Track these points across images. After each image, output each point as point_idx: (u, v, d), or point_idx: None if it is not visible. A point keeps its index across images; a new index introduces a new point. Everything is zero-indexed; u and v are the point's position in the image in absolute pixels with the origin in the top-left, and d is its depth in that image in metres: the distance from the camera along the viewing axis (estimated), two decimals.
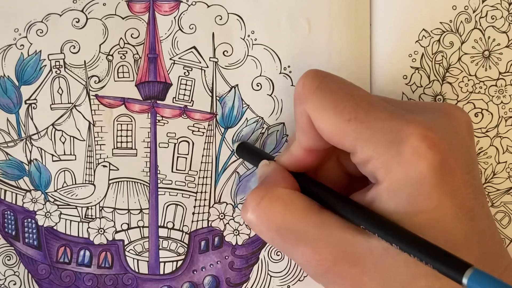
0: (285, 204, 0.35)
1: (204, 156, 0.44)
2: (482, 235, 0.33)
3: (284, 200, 0.35)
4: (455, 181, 0.32)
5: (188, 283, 0.44)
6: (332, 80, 0.36)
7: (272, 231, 0.35)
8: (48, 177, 0.43)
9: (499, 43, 0.45)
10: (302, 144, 0.37)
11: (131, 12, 0.43)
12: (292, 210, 0.35)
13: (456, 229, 0.32)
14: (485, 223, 0.34)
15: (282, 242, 0.36)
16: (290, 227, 0.35)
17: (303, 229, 0.35)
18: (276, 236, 0.35)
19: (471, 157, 0.35)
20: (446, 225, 0.32)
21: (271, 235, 0.36)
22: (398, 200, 0.32)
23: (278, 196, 0.36)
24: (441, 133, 0.33)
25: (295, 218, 0.35)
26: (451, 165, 0.32)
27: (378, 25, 0.44)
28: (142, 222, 0.43)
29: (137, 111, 0.43)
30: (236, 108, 0.44)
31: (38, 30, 0.43)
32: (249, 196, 0.36)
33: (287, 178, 0.37)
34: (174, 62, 0.44)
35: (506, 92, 0.45)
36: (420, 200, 0.32)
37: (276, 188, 0.36)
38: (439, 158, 0.32)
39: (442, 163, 0.32)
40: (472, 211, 0.33)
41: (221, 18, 0.44)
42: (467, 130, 0.36)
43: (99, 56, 0.43)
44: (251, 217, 0.36)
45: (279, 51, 0.44)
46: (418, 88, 0.44)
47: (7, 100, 0.43)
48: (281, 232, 0.35)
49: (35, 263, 0.43)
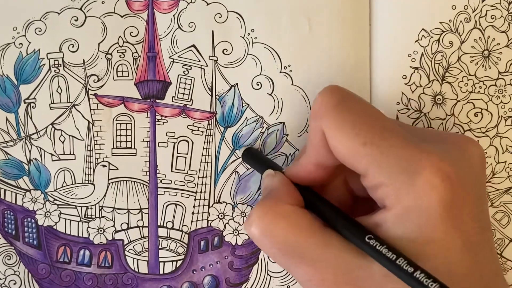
0: (289, 221, 0.35)
1: (203, 155, 0.44)
2: (484, 269, 0.33)
3: (288, 218, 0.35)
4: (464, 215, 0.33)
5: (187, 283, 0.44)
6: (351, 99, 0.36)
7: (275, 247, 0.35)
8: (47, 176, 0.43)
9: (498, 43, 0.45)
10: (313, 160, 0.37)
11: (130, 10, 0.43)
12: (295, 229, 0.35)
13: (460, 262, 0.32)
14: (488, 257, 0.34)
15: (284, 259, 0.36)
16: (293, 245, 0.35)
17: (305, 248, 0.35)
18: (278, 253, 0.36)
19: (481, 192, 0.35)
20: (451, 258, 0.32)
21: (273, 252, 0.36)
22: (405, 228, 0.32)
23: (283, 213, 0.36)
24: (454, 167, 0.33)
25: (299, 237, 0.35)
26: (461, 199, 0.32)
27: (378, 25, 0.44)
28: (142, 221, 0.43)
29: (136, 110, 0.43)
30: (235, 107, 0.44)
31: (37, 28, 0.42)
32: (254, 210, 0.36)
33: (293, 193, 0.37)
34: (173, 61, 0.43)
35: (506, 91, 0.45)
36: (427, 230, 0.32)
37: (281, 204, 0.36)
38: (450, 191, 0.32)
39: (453, 197, 0.32)
40: (478, 245, 0.33)
41: (221, 16, 0.43)
42: (480, 164, 0.36)
43: (98, 54, 0.43)
44: (254, 231, 0.36)
45: (279, 50, 0.44)
46: (418, 88, 0.44)
47: (6, 99, 0.42)
48: (283, 250, 0.35)
49: (35, 262, 0.43)
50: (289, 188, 0.38)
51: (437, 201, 0.32)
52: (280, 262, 0.37)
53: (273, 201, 0.36)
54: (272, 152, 0.44)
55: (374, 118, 0.35)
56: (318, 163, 0.37)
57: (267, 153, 0.44)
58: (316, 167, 0.37)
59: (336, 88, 0.36)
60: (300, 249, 0.35)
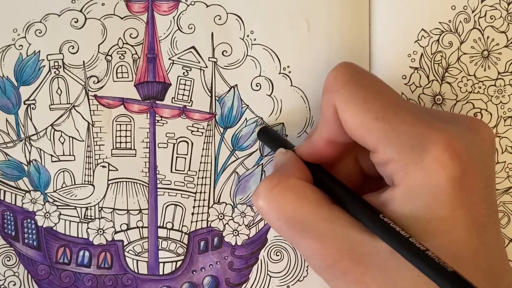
0: (297, 195, 0.35)
1: (203, 156, 0.44)
2: (490, 251, 0.33)
3: (296, 191, 0.35)
4: (472, 195, 0.32)
5: (187, 284, 0.44)
6: (364, 75, 0.36)
7: (281, 220, 0.35)
8: (47, 177, 0.43)
9: (498, 43, 0.45)
10: (324, 135, 0.37)
11: (130, 12, 0.43)
12: (303, 202, 0.35)
13: (466, 241, 0.32)
14: (494, 240, 0.34)
15: (290, 232, 0.36)
16: (300, 219, 0.35)
17: (312, 222, 0.35)
18: (284, 225, 0.35)
19: (490, 174, 0.35)
20: (457, 236, 0.32)
21: (279, 224, 0.36)
22: (413, 205, 0.32)
23: (291, 186, 0.36)
24: (464, 145, 0.32)
25: (305, 210, 0.35)
26: (470, 179, 0.32)
27: (377, 25, 0.44)
28: (142, 222, 0.43)
29: (136, 111, 0.43)
30: (235, 108, 0.44)
31: (37, 30, 0.42)
32: (263, 182, 0.36)
33: (302, 169, 0.37)
34: (173, 62, 0.43)
35: (505, 92, 0.45)
36: (435, 208, 0.32)
37: (289, 178, 0.36)
38: (459, 169, 0.32)
39: (462, 176, 0.32)
40: (484, 226, 0.33)
41: (220, 18, 0.43)
42: (490, 147, 0.36)
43: (98, 56, 0.43)
44: (262, 203, 0.36)
45: (278, 51, 0.44)
46: (417, 88, 0.44)
47: (6, 100, 0.43)
48: (290, 223, 0.35)
49: (35, 263, 0.43)
50: (299, 165, 0.38)
51: (445, 179, 0.32)
52: (286, 236, 0.37)
53: (282, 174, 0.36)
54: (272, 152, 0.44)
55: (386, 94, 0.35)
56: (329, 139, 0.37)
57: (266, 154, 0.44)
58: (327, 143, 0.37)
59: (350, 64, 0.36)
60: (306, 222, 0.35)
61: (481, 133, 0.35)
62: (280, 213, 0.35)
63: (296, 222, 0.35)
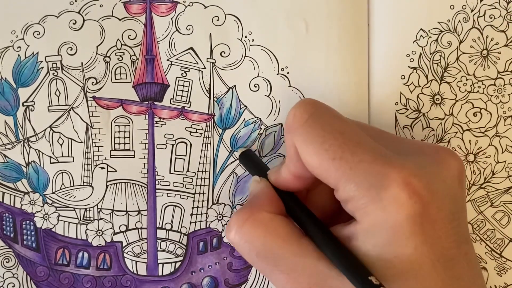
0: (267, 229, 0.36)
1: (202, 157, 0.44)
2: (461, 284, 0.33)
3: (266, 225, 0.36)
4: (436, 230, 0.32)
5: (186, 284, 0.44)
6: (324, 114, 0.35)
7: (253, 253, 0.36)
8: (46, 179, 0.43)
9: (497, 42, 0.44)
10: (291, 170, 0.37)
11: (128, 13, 0.43)
12: (273, 236, 0.36)
13: (432, 277, 0.32)
14: (465, 272, 0.33)
15: (262, 265, 0.36)
16: (269, 253, 0.36)
17: (281, 256, 0.35)
18: (256, 258, 0.36)
19: (457, 206, 0.34)
20: (422, 273, 0.32)
21: (251, 258, 0.36)
22: (375, 243, 0.32)
23: (261, 220, 0.36)
24: (425, 181, 0.32)
25: (275, 244, 0.35)
26: (432, 214, 0.32)
27: (376, 25, 0.44)
28: (140, 223, 0.43)
29: (134, 112, 0.43)
30: (233, 109, 0.44)
31: (35, 32, 0.43)
32: (234, 216, 0.37)
33: (273, 201, 0.38)
34: (171, 63, 0.43)
35: (505, 91, 0.45)
36: (396, 246, 0.32)
37: (260, 212, 0.36)
38: (419, 207, 0.32)
39: (422, 212, 0.32)
40: (452, 260, 0.33)
41: (218, 19, 0.43)
42: (458, 178, 0.35)
43: (96, 57, 0.43)
44: (234, 238, 0.37)
45: (276, 52, 0.44)
46: (416, 88, 0.44)
47: (5, 102, 0.43)
48: (261, 256, 0.36)
49: (34, 265, 0.43)
50: (270, 196, 0.38)
51: (404, 217, 0.31)
52: (258, 268, 0.37)
53: (253, 208, 0.37)
54: (270, 153, 0.44)
55: (346, 133, 0.34)
56: (296, 174, 0.37)
57: (265, 154, 0.44)
58: (294, 177, 0.37)
59: (310, 102, 0.36)
60: (276, 256, 0.35)
61: (447, 165, 0.35)
62: (251, 247, 0.36)
63: (266, 255, 0.36)
